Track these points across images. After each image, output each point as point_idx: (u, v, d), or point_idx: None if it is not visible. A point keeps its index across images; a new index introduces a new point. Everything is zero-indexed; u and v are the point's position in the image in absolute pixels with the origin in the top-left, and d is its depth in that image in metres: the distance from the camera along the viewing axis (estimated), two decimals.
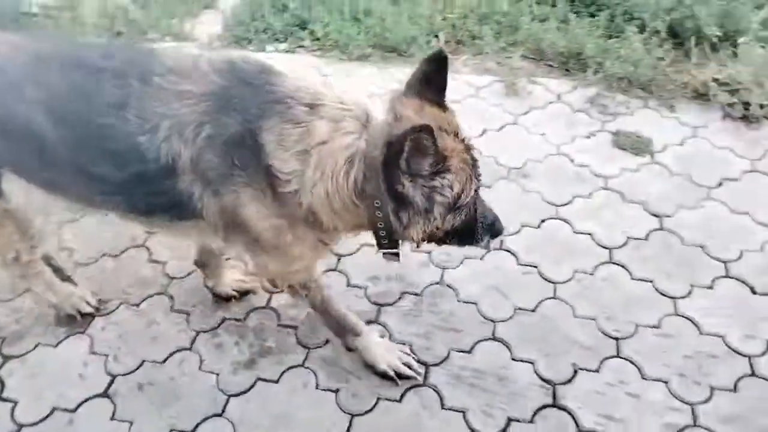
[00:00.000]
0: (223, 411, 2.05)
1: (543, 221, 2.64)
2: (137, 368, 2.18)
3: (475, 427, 1.98)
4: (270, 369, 2.17)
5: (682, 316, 2.26)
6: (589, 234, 2.57)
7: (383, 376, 2.10)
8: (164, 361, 2.20)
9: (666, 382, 2.07)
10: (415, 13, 4.07)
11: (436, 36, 3.88)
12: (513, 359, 2.17)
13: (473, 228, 1.73)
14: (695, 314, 2.26)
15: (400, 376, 2.09)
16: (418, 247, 1.77)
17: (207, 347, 2.24)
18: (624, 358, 2.15)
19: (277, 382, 2.13)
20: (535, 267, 2.45)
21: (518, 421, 1.99)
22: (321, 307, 2.07)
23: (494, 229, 1.79)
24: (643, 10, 3.70)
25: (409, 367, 2.11)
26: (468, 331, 2.26)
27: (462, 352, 2.20)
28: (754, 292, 2.32)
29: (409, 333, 2.26)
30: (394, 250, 1.73)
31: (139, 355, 2.21)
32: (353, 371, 2.15)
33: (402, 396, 2.07)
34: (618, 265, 2.46)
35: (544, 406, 2.02)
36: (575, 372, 2.11)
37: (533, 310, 2.31)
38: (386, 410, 2.04)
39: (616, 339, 2.20)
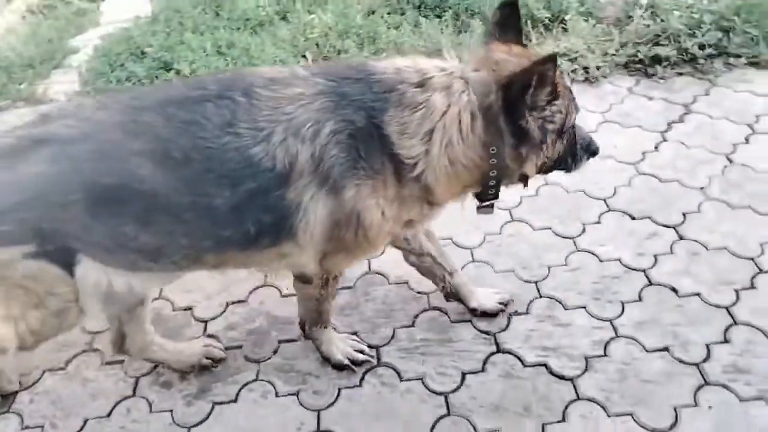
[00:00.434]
0: None
1: None
2: (81, 429, 2.04)
3: (434, 388, 2.10)
4: (224, 391, 2.13)
5: (583, 251, 2.56)
6: None
7: (340, 367, 2.16)
8: (109, 414, 2.08)
9: (584, 307, 2.33)
10: (277, 39, 4.21)
11: (304, 56, 4.03)
12: (452, 322, 2.32)
13: (575, 150, 1.86)
14: (592, 247, 2.57)
15: (356, 363, 2.16)
16: (527, 181, 1.86)
17: (152, 389, 2.15)
18: (546, 297, 2.38)
19: (235, 401, 2.10)
20: (450, 239, 2.64)
21: (472, 372, 2.14)
22: (326, 296, 2.05)
23: (591, 149, 1.92)
24: (482, 4, 4.14)
25: (362, 352, 2.18)
26: (405, 308, 2.38)
27: (405, 327, 2.31)
28: (633, 218, 2.69)
29: (352, 323, 2.33)
30: (492, 201, 1.83)
31: (80, 415, 2.07)
32: (310, 371, 2.18)
33: (361, 380, 2.14)
34: (519, 221, 2.72)
35: (491, 354, 2.19)
36: (509, 318, 2.31)
37: None
38: (349, 397, 2.10)
39: (535, 282, 2.44)
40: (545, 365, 2.14)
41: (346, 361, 2.16)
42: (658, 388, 2.04)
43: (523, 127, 1.66)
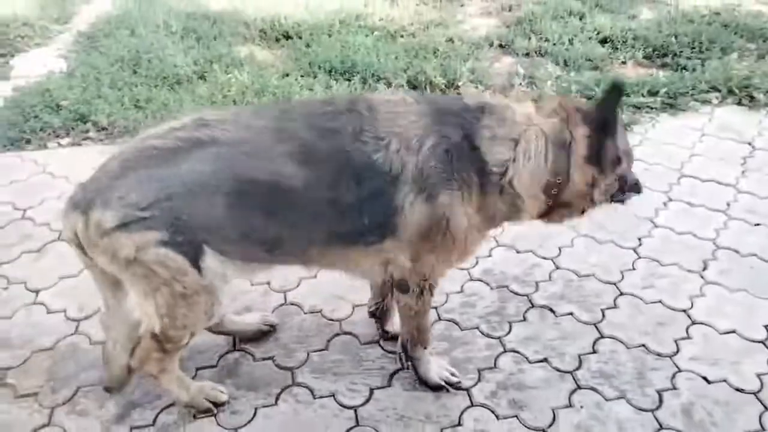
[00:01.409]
0: None
1: None
2: None
3: (345, 403, 2.29)
4: (142, 417, 2.21)
5: (476, 280, 2.89)
6: None
7: (438, 388, 2.33)
8: None
9: (477, 327, 2.64)
10: (195, 96, 4.43)
11: None
12: (362, 344, 2.55)
13: (623, 186, 2.11)
14: (484, 276, 2.91)
15: (451, 384, 2.34)
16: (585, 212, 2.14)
17: (70, 417, 2.19)
18: (444, 320, 2.68)
19: (153, 424, 2.18)
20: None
21: (379, 387, 2.35)
22: (422, 309, 2.22)
23: (636, 188, 2.17)
24: (386, 70, 4.61)
25: (453, 374, 2.37)
26: (319, 334, 2.58)
27: (319, 351, 2.51)
28: (518, 252, 3.08)
29: (269, 349, 2.50)
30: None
31: None
32: (228, 394, 2.29)
33: (277, 399, 2.30)
34: None
35: (396, 371, 2.43)
36: None
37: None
38: (266, 415, 2.24)
39: (435, 308, 2.73)
40: (444, 379, 2.39)
41: (443, 383, 2.33)
42: (539, 393, 2.35)
43: (603, 156, 1.98)
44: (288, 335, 2.57)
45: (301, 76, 4.73)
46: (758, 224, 3.28)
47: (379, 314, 2.55)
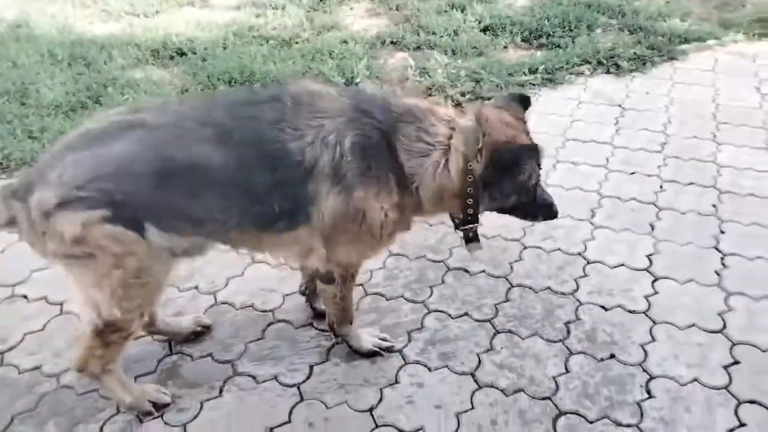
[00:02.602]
0: None
1: None
2: None
3: (287, 382, 2.41)
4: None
5: (396, 255, 3.09)
6: None
7: (371, 354, 2.49)
8: None
9: (402, 296, 2.83)
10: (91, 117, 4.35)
11: None
12: (296, 328, 2.67)
13: (534, 207, 2.21)
14: (402, 250, 3.12)
15: (383, 349, 2.52)
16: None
17: None
18: (370, 294, 2.85)
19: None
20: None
21: (318, 363, 2.49)
22: (345, 294, 2.36)
23: (550, 212, 2.26)
24: (285, 76, 4.74)
25: (384, 339, 2.55)
26: (254, 326, 2.68)
27: (255, 341, 2.60)
28: (430, 225, 3.31)
29: (206, 347, 2.56)
30: (473, 227, 2.17)
31: None
32: (171, 394, 2.34)
33: (220, 391, 2.38)
34: None
35: (332, 346, 2.57)
36: None
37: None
38: (212, 407, 2.31)
39: (361, 285, 2.89)
40: (377, 346, 2.57)
41: (376, 348, 2.49)
42: (463, 343, 2.58)
43: (493, 184, 2.09)
44: (223, 332, 2.65)
45: (201, 89, 4.76)
46: (633, 173, 3.72)
47: (309, 293, 2.69)
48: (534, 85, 4.76)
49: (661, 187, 3.57)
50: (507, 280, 2.92)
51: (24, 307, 2.78)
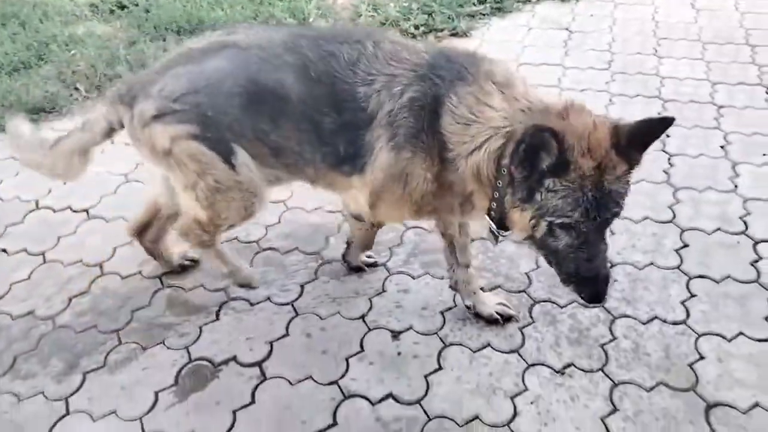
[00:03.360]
0: None
1: None
2: None
3: (281, 301, 2.54)
4: (92, 360, 2.30)
5: None
6: None
7: (492, 320, 2.38)
8: None
9: None
10: (41, 77, 4.23)
11: (76, 88, 4.13)
12: (282, 254, 2.78)
13: (560, 263, 1.76)
14: None
15: (504, 317, 2.38)
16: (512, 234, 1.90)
17: (15, 383, 2.23)
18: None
19: (104, 365, 2.28)
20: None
21: (308, 282, 2.62)
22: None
23: (585, 290, 1.76)
24: (234, 21, 4.68)
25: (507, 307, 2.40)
26: (241, 256, 2.75)
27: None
28: None
29: (198, 280, 2.66)
30: (501, 232, 1.88)
31: None
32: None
33: (217, 315, 2.49)
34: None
35: (320, 265, 2.71)
36: (326, 240, 2.85)
37: None
38: (212, 330, 2.43)
39: None
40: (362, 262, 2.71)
41: (497, 316, 2.37)
42: (441, 254, 2.69)
43: (512, 175, 1.69)
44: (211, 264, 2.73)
45: (150, 40, 4.66)
46: (584, 89, 3.91)
47: (349, 248, 2.64)
48: (484, 15, 4.85)
49: (610, 100, 3.79)
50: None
51: (5, 261, 2.79)
